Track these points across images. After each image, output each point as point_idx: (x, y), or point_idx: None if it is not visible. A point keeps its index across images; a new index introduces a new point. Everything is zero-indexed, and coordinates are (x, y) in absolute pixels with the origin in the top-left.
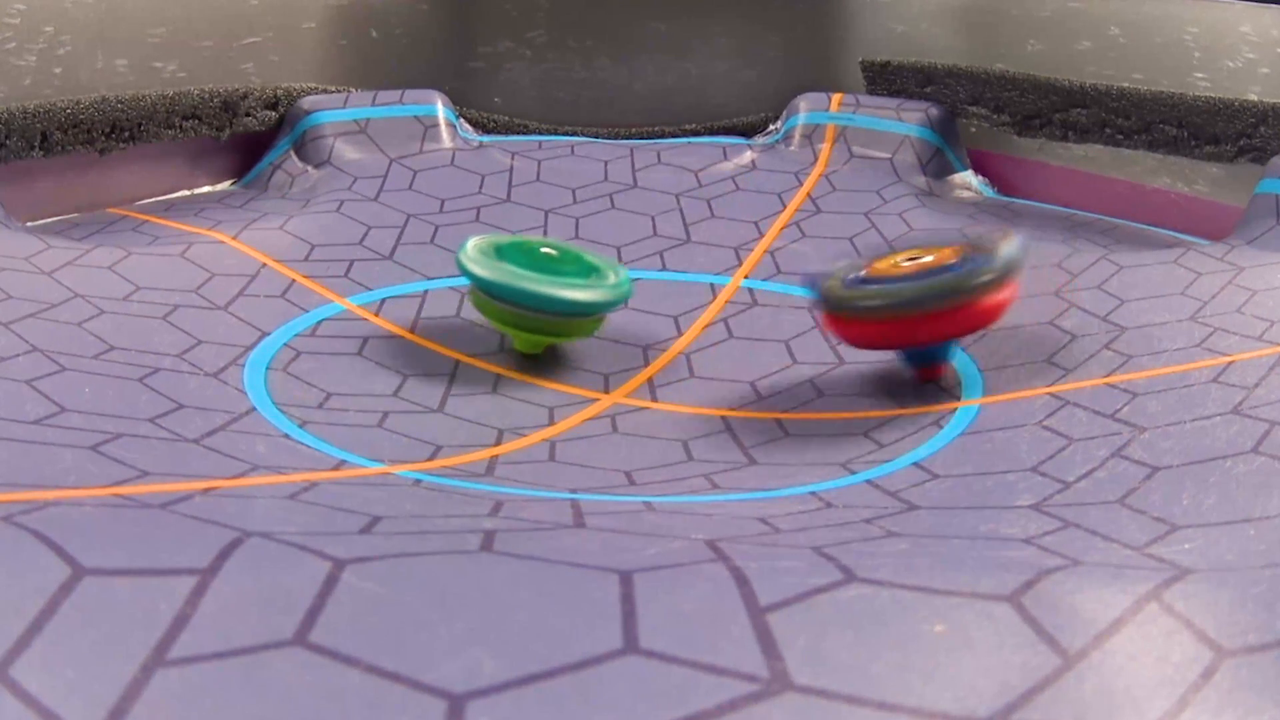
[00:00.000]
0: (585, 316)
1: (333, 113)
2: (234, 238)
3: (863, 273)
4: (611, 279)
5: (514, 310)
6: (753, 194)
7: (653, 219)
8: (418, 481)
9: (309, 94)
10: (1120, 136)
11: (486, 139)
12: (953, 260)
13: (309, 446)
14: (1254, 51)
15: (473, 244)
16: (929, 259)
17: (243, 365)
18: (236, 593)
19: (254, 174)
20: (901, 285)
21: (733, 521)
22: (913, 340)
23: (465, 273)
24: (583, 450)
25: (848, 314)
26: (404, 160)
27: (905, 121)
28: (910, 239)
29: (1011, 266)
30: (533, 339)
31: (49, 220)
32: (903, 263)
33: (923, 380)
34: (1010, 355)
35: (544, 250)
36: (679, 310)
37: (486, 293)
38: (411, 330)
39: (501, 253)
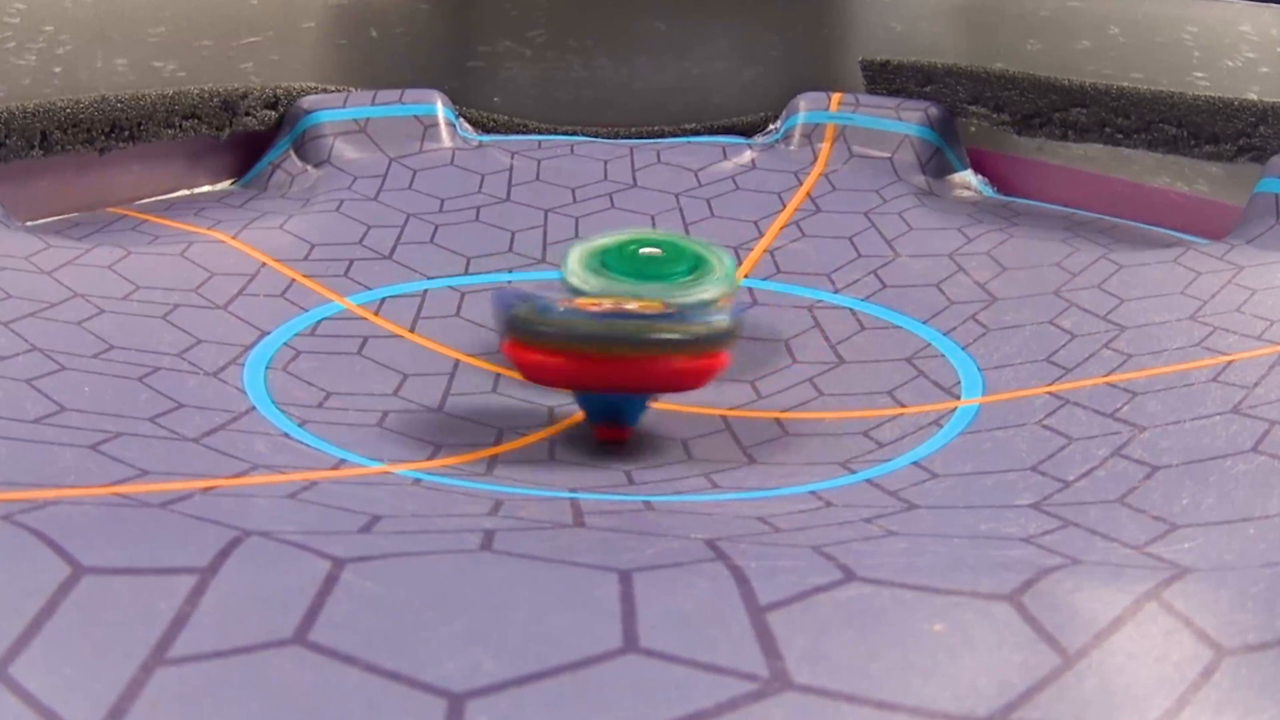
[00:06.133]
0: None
1: (332, 112)
2: (234, 237)
3: (560, 305)
4: (726, 264)
5: None
6: (752, 194)
7: (652, 219)
8: (417, 481)
9: (309, 93)
10: (1120, 136)
11: (486, 138)
12: (651, 310)
13: (309, 445)
14: (1254, 51)
15: (575, 256)
16: (631, 306)
17: (242, 364)
18: (236, 592)
19: (254, 173)
20: (575, 317)
21: (733, 521)
22: (584, 382)
23: (576, 291)
24: (583, 450)
25: (525, 338)
26: (404, 160)
27: (905, 121)
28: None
29: (708, 338)
30: None
31: (49, 220)
32: (606, 304)
33: (600, 439)
34: (1010, 355)
35: (644, 254)
36: None
37: None
38: (411, 330)
39: (607, 263)
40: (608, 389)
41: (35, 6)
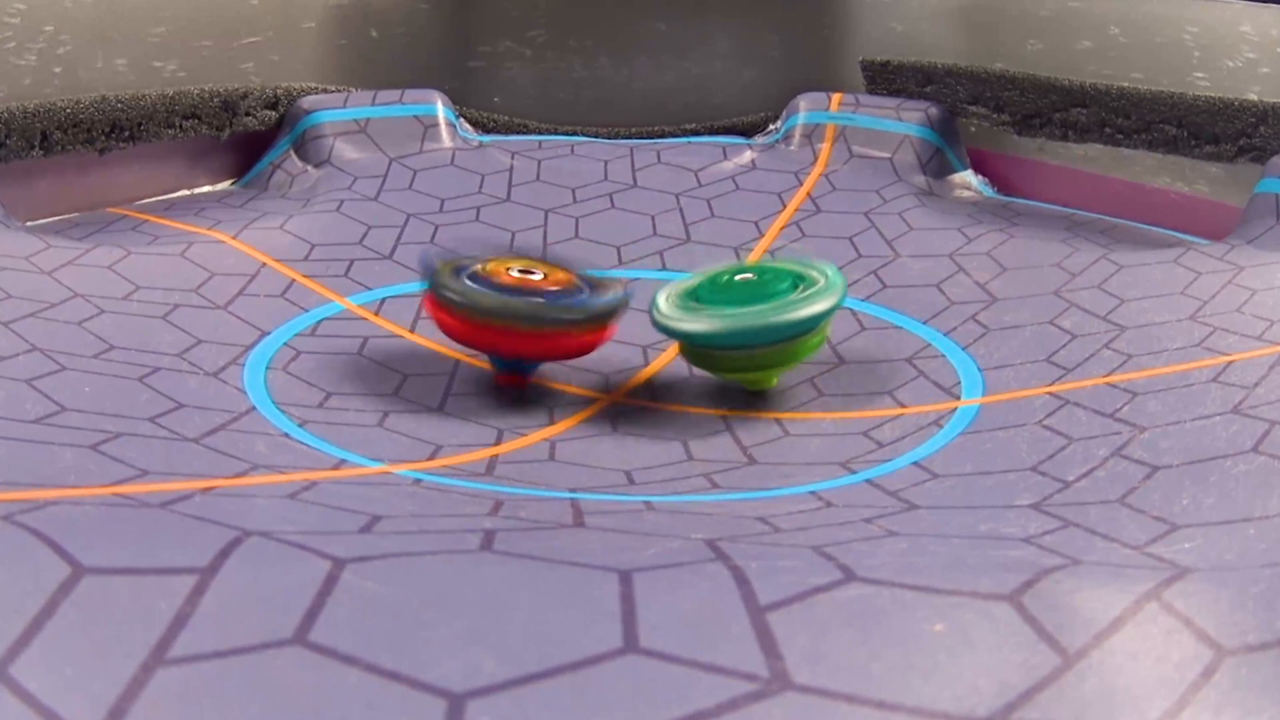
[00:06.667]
0: (814, 330)
1: (332, 112)
2: (234, 237)
3: (476, 267)
4: (826, 277)
5: (751, 354)
6: (753, 194)
7: (653, 219)
8: (418, 481)
9: (309, 94)
10: (1120, 136)
11: (486, 139)
12: (549, 287)
13: (309, 446)
14: (1254, 51)
15: (663, 298)
16: (536, 275)
17: (243, 365)
18: (236, 592)
19: (254, 173)
20: (485, 294)
21: (733, 521)
22: (486, 347)
23: (680, 335)
24: (583, 450)
25: (437, 298)
26: (404, 160)
27: (905, 121)
28: (544, 252)
29: (602, 315)
30: (771, 374)
31: (49, 220)
32: (514, 271)
33: (499, 384)
34: (1010, 355)
35: (738, 279)
36: None
37: (710, 347)
38: (411, 330)
39: (701, 297)
40: (505, 354)
41: (35, 6)
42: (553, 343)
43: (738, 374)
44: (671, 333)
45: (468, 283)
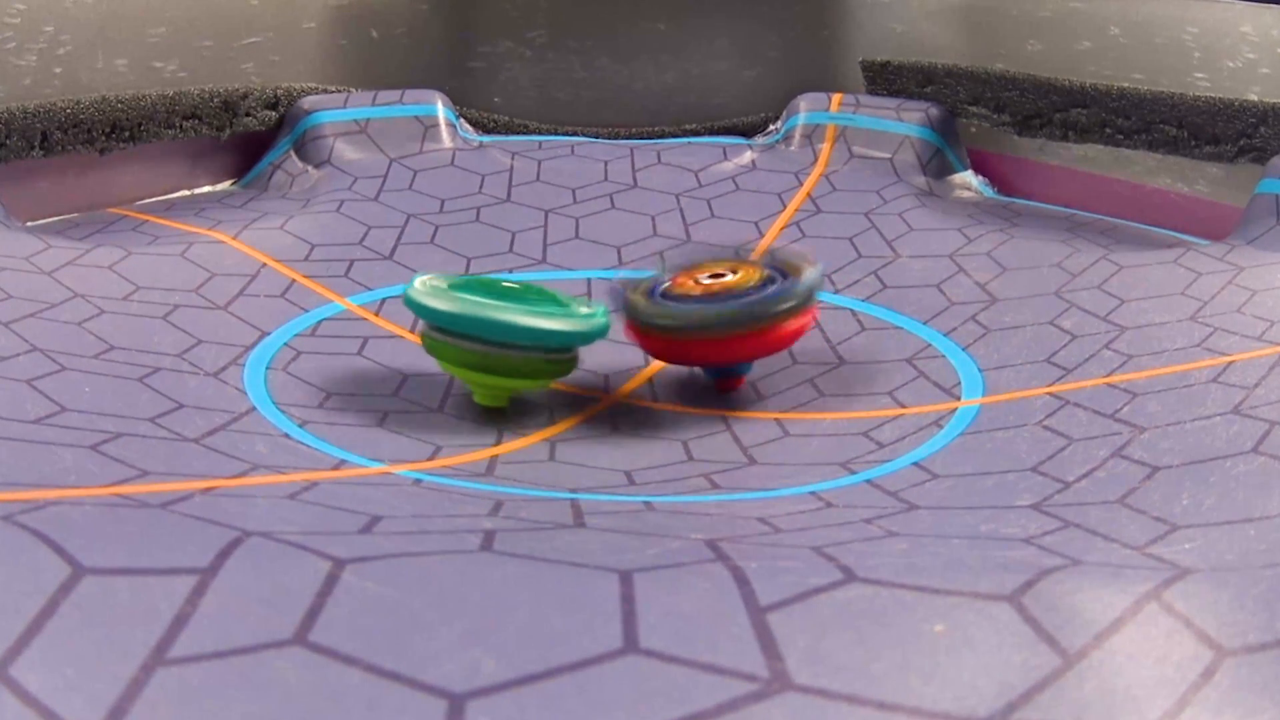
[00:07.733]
0: (562, 352)
1: (333, 113)
2: (234, 238)
3: (665, 284)
4: (585, 311)
5: (479, 350)
6: (753, 194)
7: (653, 219)
8: (418, 481)
9: (309, 94)
10: (1120, 136)
11: (486, 139)
12: (753, 283)
13: (309, 446)
14: (1254, 51)
15: (421, 280)
16: (730, 277)
17: (243, 365)
18: (236, 592)
19: (254, 174)
20: (694, 308)
21: (733, 521)
22: (706, 359)
23: (418, 308)
24: (583, 450)
25: (643, 328)
26: (404, 160)
27: (905, 121)
28: (721, 252)
29: (810, 295)
30: (497, 385)
31: (49, 220)
32: (704, 279)
33: (720, 390)
34: (1011, 356)
35: (505, 285)
36: None
37: (444, 330)
38: (411, 330)
39: (457, 288)
40: (721, 362)
41: (35, 6)
42: (768, 338)
43: (467, 372)
44: (415, 307)
45: (666, 303)
